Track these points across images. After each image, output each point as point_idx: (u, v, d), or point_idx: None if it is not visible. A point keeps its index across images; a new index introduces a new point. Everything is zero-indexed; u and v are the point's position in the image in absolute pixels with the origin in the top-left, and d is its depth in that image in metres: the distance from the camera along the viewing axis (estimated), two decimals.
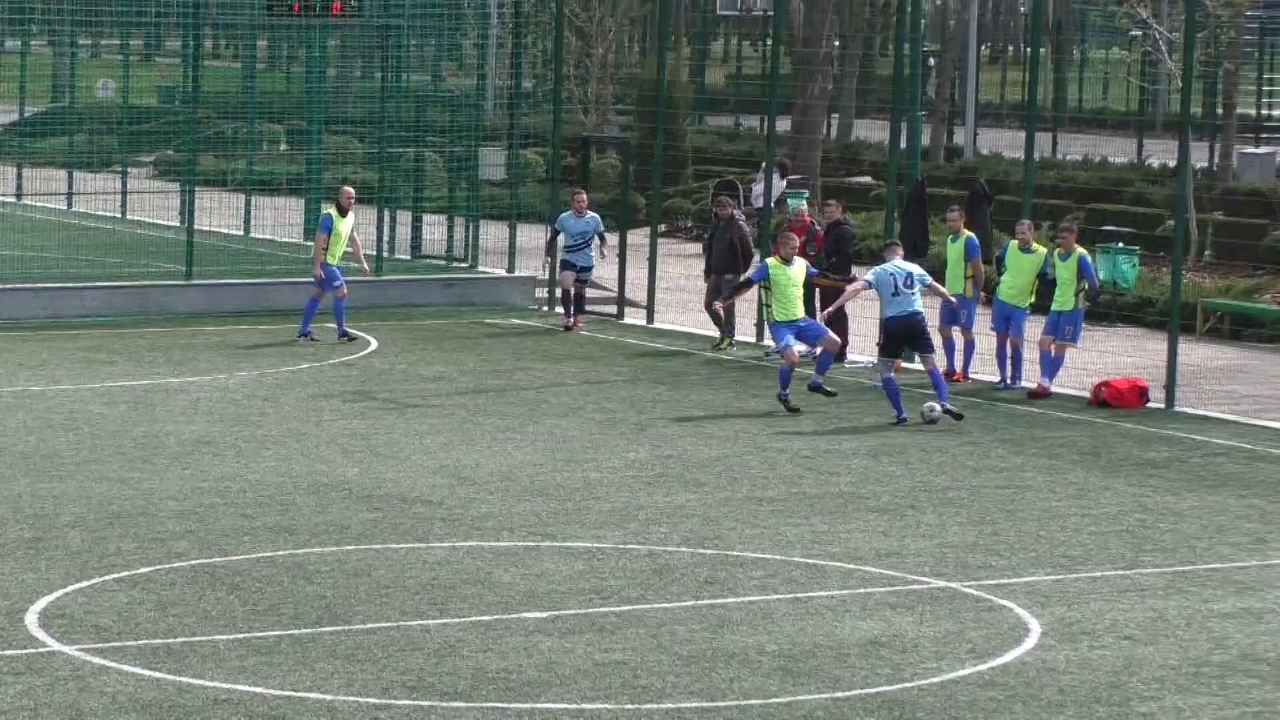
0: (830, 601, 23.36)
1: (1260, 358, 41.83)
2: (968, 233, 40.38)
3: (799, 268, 36.63)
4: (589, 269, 43.68)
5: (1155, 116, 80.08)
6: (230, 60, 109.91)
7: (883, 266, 33.27)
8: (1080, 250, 39.26)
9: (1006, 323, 38.44)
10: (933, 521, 27.65)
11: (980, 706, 19.28)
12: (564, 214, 43.31)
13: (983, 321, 39.67)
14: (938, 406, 28.03)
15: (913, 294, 34.32)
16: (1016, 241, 39.90)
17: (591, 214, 42.38)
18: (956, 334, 39.65)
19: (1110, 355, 38.77)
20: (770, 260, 37.45)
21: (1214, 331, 43.05)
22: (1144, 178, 61.75)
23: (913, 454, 32.15)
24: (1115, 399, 36.38)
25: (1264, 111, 79.73)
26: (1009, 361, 38.68)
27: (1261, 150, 61.59)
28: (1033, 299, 38.28)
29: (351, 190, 46.52)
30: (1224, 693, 19.99)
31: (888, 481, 30.63)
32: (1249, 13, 66.61)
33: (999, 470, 31.49)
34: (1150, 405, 36.72)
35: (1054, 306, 38.36)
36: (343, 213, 44.63)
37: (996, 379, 39.07)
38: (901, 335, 33.26)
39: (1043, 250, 38.82)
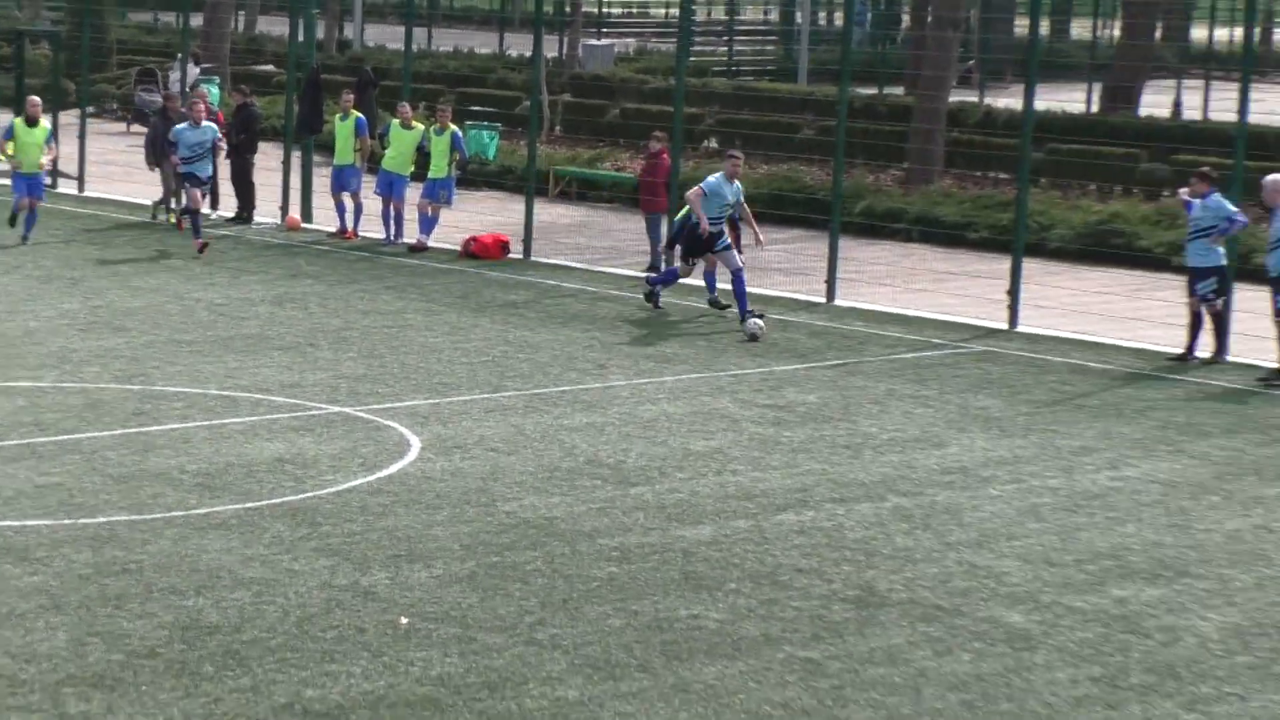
0: (242, 427, 23.86)
1: (601, 215, 42.16)
2: (357, 113, 41.16)
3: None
4: (208, 180, 39.94)
5: (514, 14, 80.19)
6: None
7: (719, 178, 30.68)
8: (453, 127, 40.25)
9: (390, 188, 39.34)
10: (329, 357, 28.22)
11: (371, 510, 20.14)
12: (179, 125, 39.29)
13: (369, 187, 40.06)
14: (759, 323, 27.21)
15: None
16: (398, 120, 41.00)
17: (209, 124, 39.12)
18: (346, 199, 40.15)
19: (477, 215, 39.06)
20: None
21: (564, 195, 43.46)
22: (505, 66, 62.30)
23: (312, 302, 32.51)
24: (482, 251, 37.35)
25: (605, 10, 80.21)
26: (392, 221, 39.28)
27: (602, 42, 62.22)
28: (412, 168, 38.95)
29: None
30: (574, 492, 21.06)
31: (290, 324, 30.98)
32: None
33: (385, 313, 32.04)
34: (511, 256, 37.52)
35: (430, 175, 39.46)
36: None
37: (382, 236, 39.78)
38: (705, 243, 30.97)
39: (421, 127, 39.56)
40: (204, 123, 38.88)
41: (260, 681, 14.83)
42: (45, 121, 40.64)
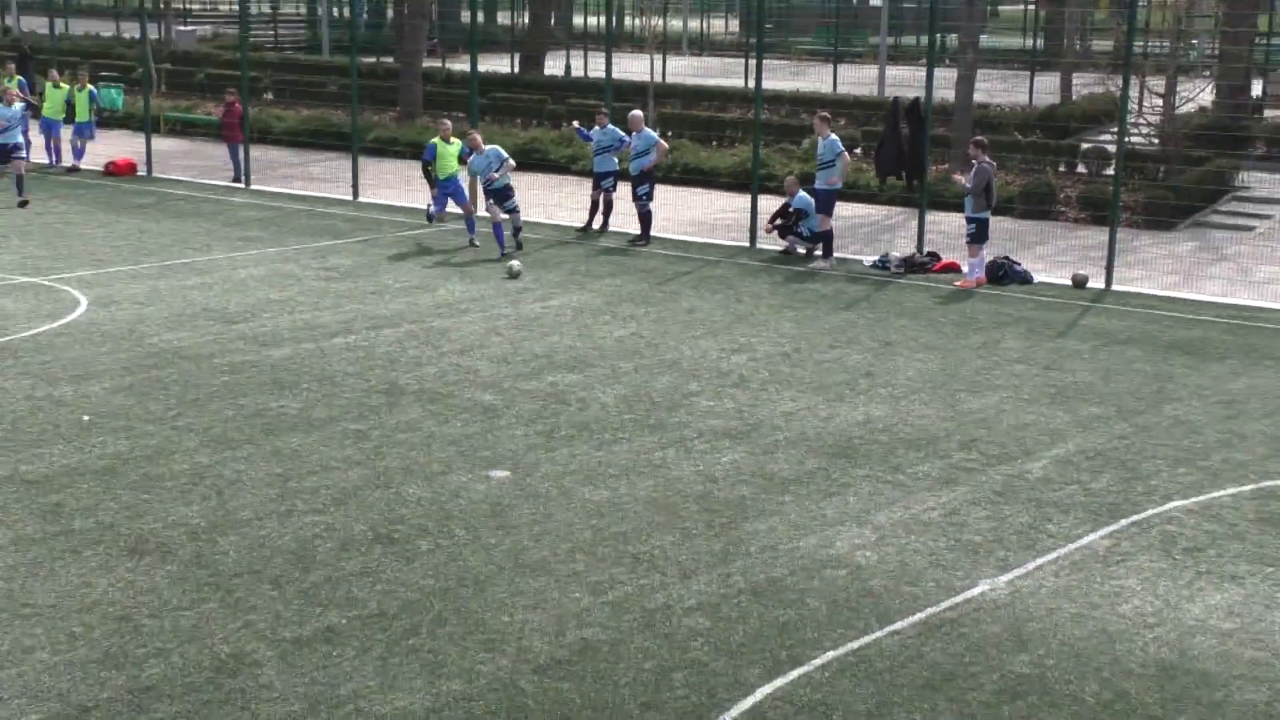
0: None
1: (198, 145, 40.32)
2: (20, 77, 38.45)
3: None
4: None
5: (125, 7, 75.83)
6: None
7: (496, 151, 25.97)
8: (90, 86, 36.73)
9: (50, 130, 35.44)
10: (19, 244, 26.41)
11: (56, 346, 19.62)
12: None
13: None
14: (515, 264, 24.56)
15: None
16: (50, 82, 36.54)
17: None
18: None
19: (113, 146, 37.24)
20: None
21: (171, 131, 41.69)
22: (122, 45, 59.22)
23: (1, 207, 30.95)
24: (118, 171, 34.51)
25: (189, 4, 76.87)
26: (53, 152, 36.07)
27: (189, 28, 60.15)
28: (64, 115, 35.97)
29: None
30: (195, 329, 20.61)
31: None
32: None
33: (55, 214, 29.65)
34: (139, 174, 34.82)
35: (77, 119, 35.96)
36: None
37: (48, 162, 35.88)
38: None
39: (67, 87, 35.58)
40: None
41: None
42: None
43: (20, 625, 11.43)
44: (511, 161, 26.08)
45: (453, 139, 26.89)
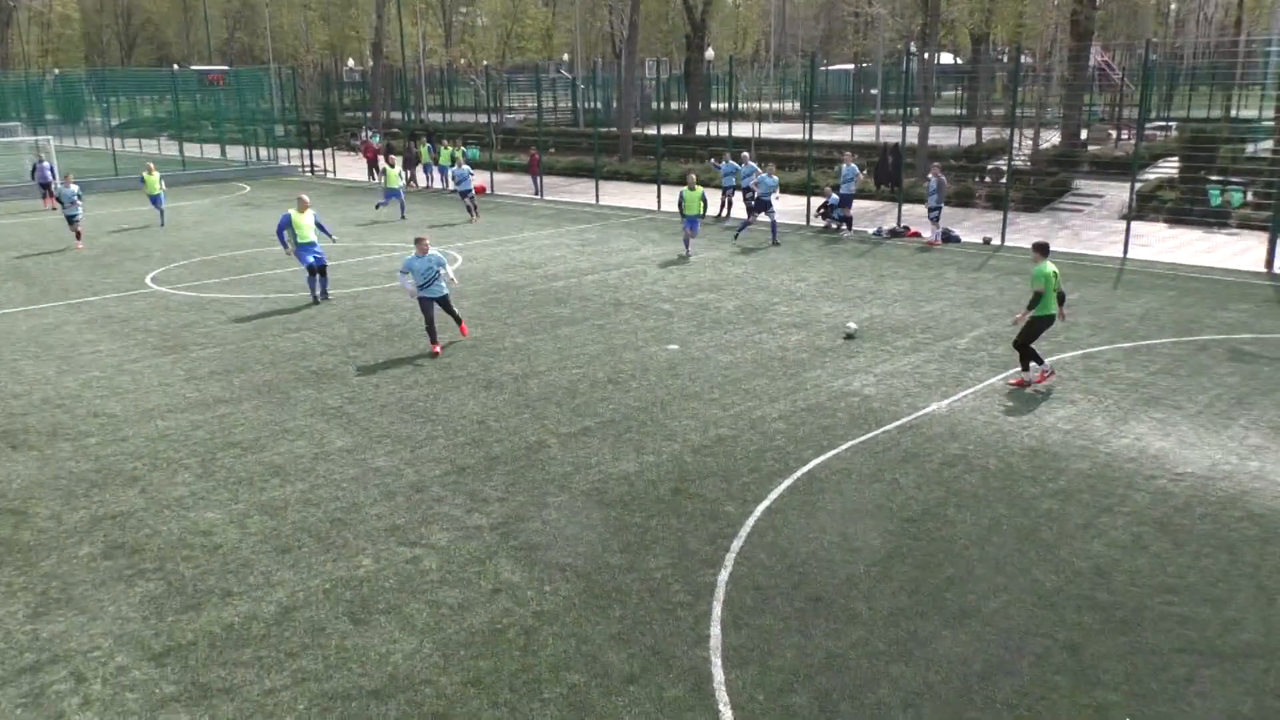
0: None
1: (517, 178, 39.08)
2: None
3: None
4: None
5: None
6: None
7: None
8: (464, 148, 34.42)
9: None
10: None
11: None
12: None
13: None
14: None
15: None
16: (442, 146, 33.93)
17: None
18: None
19: (477, 178, 37.42)
20: None
21: (504, 169, 41.48)
22: None
23: None
24: (479, 191, 31.53)
25: None
26: None
27: (512, 115, 58.37)
28: None
29: None
30: None
31: None
32: None
33: (453, 213, 29.10)
34: (487, 193, 32.64)
35: (456, 165, 32.88)
36: None
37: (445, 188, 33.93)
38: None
39: None
40: None
41: None
42: None
43: (429, 425, 11.68)
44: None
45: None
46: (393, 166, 27.51)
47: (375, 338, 15.35)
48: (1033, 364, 12.57)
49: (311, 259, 16.99)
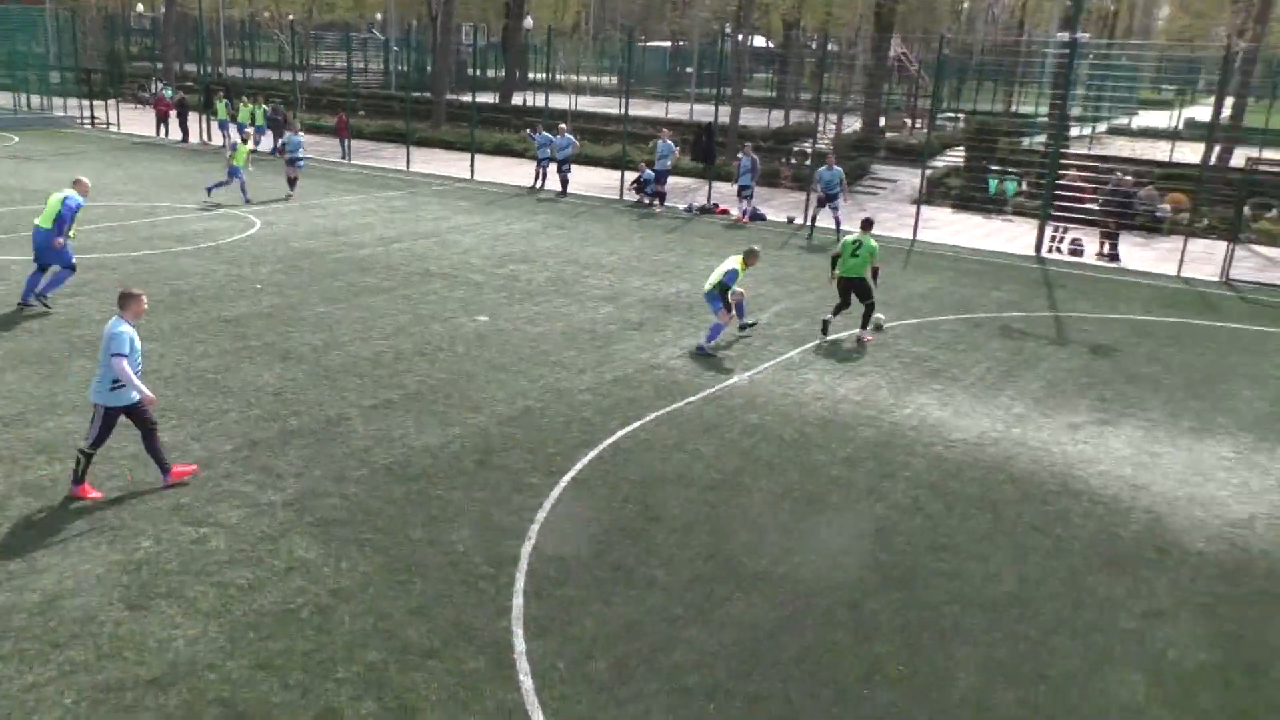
0: None
1: (324, 140, 38.01)
2: None
3: None
4: None
5: None
6: None
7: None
8: (265, 105, 33.08)
9: None
10: None
11: (244, 247, 18.27)
12: None
13: None
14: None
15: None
16: (240, 103, 33.02)
17: None
18: None
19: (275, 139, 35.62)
20: None
21: (309, 130, 39.66)
22: None
23: None
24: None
25: None
26: None
27: (319, 74, 56.00)
28: None
29: None
30: None
31: None
32: None
33: (251, 175, 27.92)
34: None
35: (257, 124, 31.03)
36: None
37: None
38: None
39: None
40: None
41: None
42: None
43: (220, 398, 11.11)
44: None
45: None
46: (244, 141, 23.92)
47: (161, 304, 14.40)
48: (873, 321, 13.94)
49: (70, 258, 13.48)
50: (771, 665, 6.85)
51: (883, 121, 35.71)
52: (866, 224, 14.10)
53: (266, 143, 33.65)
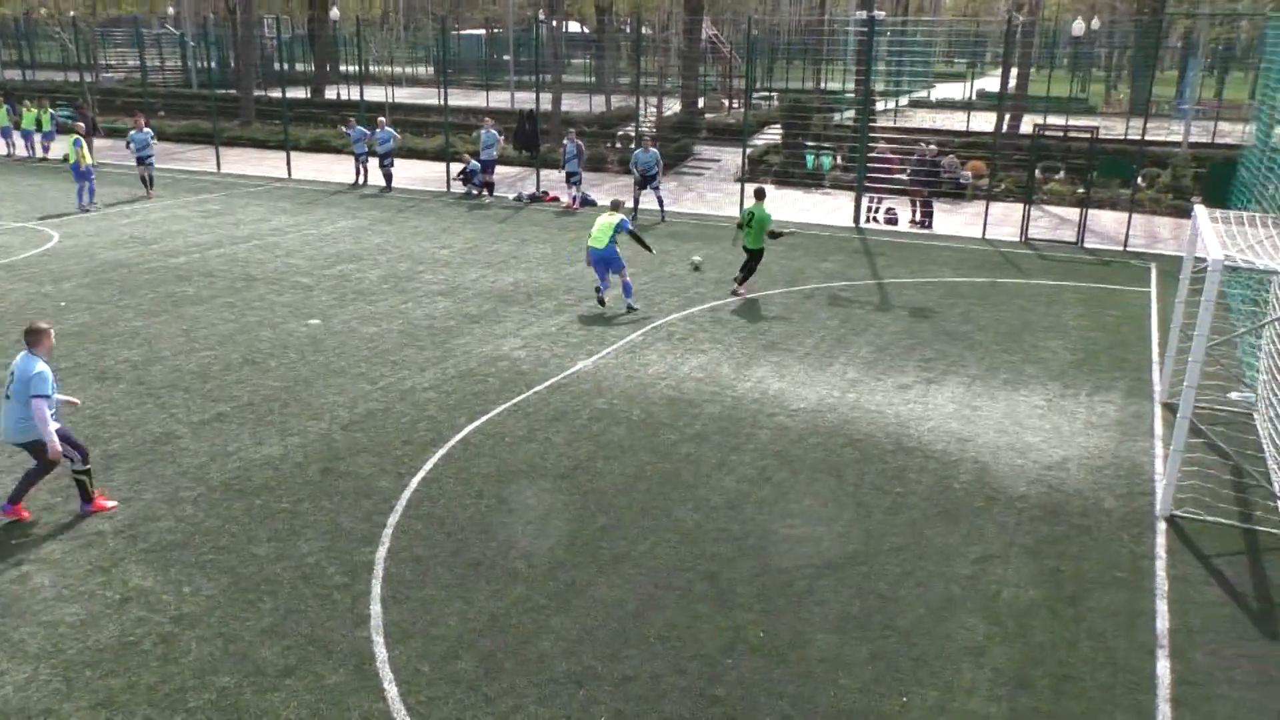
0: None
1: (120, 143, 36.74)
2: None
3: None
4: None
5: None
6: None
7: None
8: (51, 110, 31.60)
9: None
10: None
11: (42, 263, 17.11)
12: None
13: None
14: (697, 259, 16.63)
15: None
16: (24, 107, 31.29)
17: None
18: None
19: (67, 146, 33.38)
20: None
21: (105, 134, 37.39)
22: None
23: None
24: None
25: None
26: None
27: (109, 75, 52.65)
28: None
29: None
30: None
31: None
32: None
33: (30, 182, 26.05)
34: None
35: (43, 129, 30.52)
36: None
37: (27, 155, 31.20)
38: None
39: None
40: None
41: None
42: None
43: None
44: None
45: None
46: (81, 143, 21.84)
47: None
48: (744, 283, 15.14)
49: None
50: (638, 645, 6.97)
51: (701, 103, 36.46)
52: (759, 193, 15.22)
53: (56, 149, 31.44)
